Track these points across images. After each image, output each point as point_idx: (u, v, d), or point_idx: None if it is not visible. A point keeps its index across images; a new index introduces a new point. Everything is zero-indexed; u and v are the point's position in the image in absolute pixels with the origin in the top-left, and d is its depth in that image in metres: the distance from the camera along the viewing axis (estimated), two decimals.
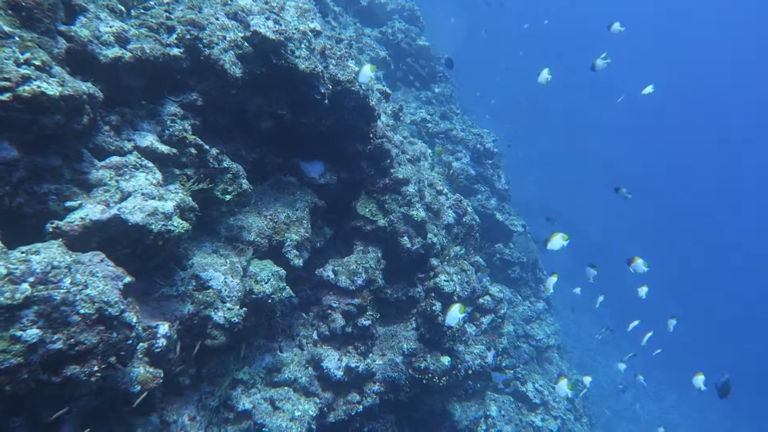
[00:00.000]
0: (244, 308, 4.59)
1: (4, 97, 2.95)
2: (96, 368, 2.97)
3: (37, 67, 3.17)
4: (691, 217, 38.53)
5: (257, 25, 5.01)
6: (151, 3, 4.47)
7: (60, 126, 3.36)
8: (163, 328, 3.87)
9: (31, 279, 2.77)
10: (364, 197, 6.71)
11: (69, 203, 3.52)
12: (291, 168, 6.24)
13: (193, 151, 4.52)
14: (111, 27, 3.96)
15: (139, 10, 4.37)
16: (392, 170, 6.71)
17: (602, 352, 21.51)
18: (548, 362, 11.35)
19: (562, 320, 16.65)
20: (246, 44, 4.92)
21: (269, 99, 5.43)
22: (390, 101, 9.01)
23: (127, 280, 3.30)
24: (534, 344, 11.15)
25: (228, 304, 4.44)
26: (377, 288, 6.36)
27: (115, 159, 3.88)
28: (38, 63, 3.17)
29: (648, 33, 45.68)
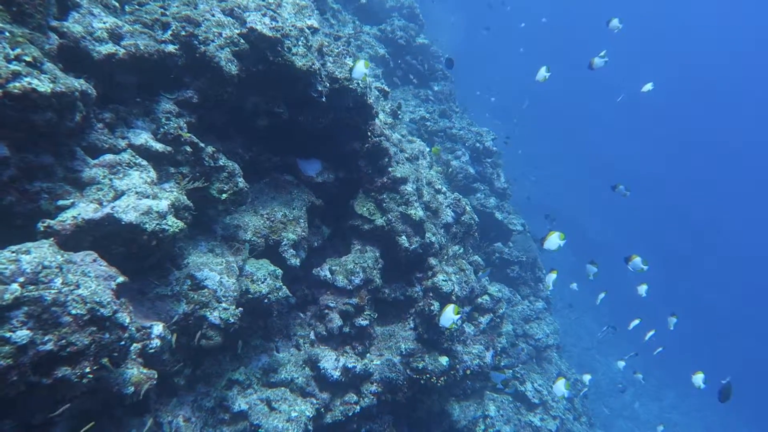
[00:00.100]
0: (240, 308, 4.54)
1: None
2: (88, 370, 2.92)
3: (28, 63, 3.11)
4: (691, 216, 38.46)
5: (254, 21, 4.95)
6: None
7: (52, 123, 3.31)
8: (157, 328, 3.83)
9: (21, 279, 2.72)
10: (361, 196, 6.66)
11: (61, 202, 3.47)
12: (288, 166, 6.20)
13: (188, 149, 4.47)
14: (104, 23, 3.91)
15: (134, 6, 4.31)
16: (390, 169, 6.66)
17: (602, 351, 21.49)
18: (547, 362, 11.31)
19: (562, 319, 16.61)
20: (242, 41, 4.86)
21: (266, 97, 5.38)
22: (388, 99, 8.95)
23: (120, 280, 3.26)
24: (533, 344, 11.11)
25: (224, 304, 4.40)
26: (375, 287, 6.32)
27: (109, 157, 3.83)
28: (29, 59, 3.12)
29: (648, 30, 45.58)
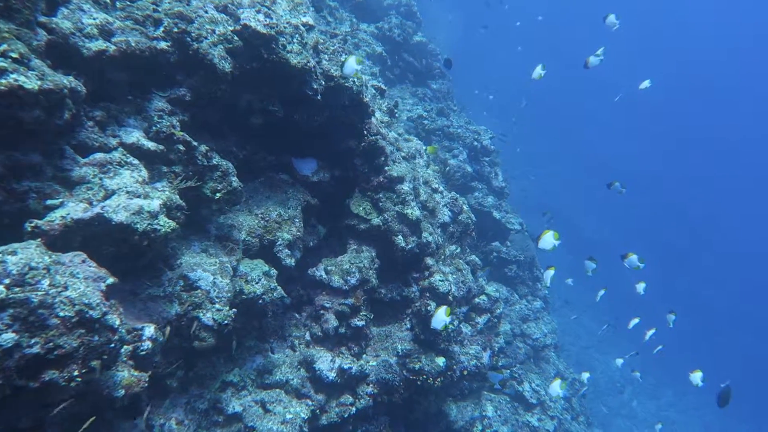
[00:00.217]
0: (234, 309, 4.48)
1: None
2: (76, 373, 2.86)
3: (15, 59, 3.05)
4: (688, 213, 38.51)
5: (248, 18, 4.88)
6: None
7: (40, 121, 3.24)
8: (148, 330, 3.76)
9: (6, 281, 2.66)
10: (357, 195, 6.60)
11: (50, 201, 3.40)
12: (283, 165, 6.13)
13: (181, 147, 4.40)
14: (95, 19, 3.84)
15: (125, 2, 4.23)
16: (387, 168, 6.60)
17: (600, 349, 21.49)
18: (545, 361, 11.28)
19: (560, 318, 16.57)
20: (236, 38, 4.80)
21: (260, 95, 5.31)
22: (385, 97, 8.88)
23: (110, 281, 3.20)
24: (531, 343, 11.08)
25: (217, 305, 4.34)
26: (371, 288, 6.26)
27: (99, 156, 3.76)
28: (16, 55, 3.06)
29: (645, 27, 45.51)
